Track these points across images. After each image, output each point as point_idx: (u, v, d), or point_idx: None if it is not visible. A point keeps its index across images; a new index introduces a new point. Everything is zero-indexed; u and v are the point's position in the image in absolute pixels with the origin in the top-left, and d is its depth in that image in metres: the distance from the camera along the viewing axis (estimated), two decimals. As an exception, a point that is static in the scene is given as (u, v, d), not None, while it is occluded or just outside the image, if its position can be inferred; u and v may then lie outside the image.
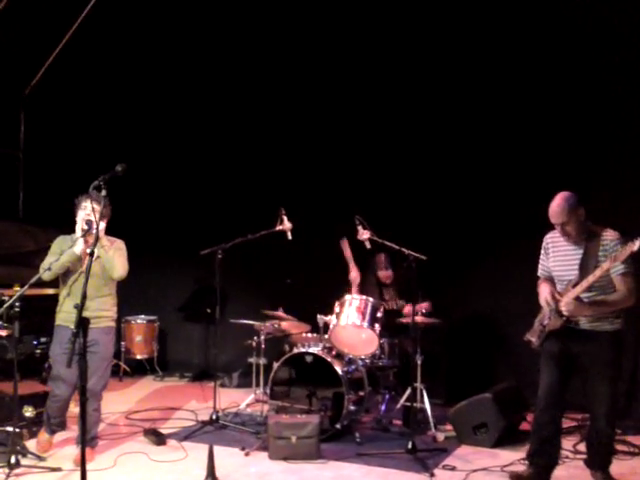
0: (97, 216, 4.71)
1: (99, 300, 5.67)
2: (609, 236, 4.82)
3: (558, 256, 5.04)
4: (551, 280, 5.13)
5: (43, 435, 5.89)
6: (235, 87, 9.03)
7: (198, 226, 9.12)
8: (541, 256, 5.22)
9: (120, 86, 9.35)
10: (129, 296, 9.05)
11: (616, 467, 5.18)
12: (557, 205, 4.84)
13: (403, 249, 5.93)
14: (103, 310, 5.71)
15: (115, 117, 9.44)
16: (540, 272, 5.24)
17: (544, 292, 5.05)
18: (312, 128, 8.61)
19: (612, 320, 4.87)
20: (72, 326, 4.38)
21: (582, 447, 5.98)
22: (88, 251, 4.27)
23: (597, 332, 4.87)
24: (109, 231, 5.79)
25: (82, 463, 3.68)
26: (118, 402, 7.75)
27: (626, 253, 4.51)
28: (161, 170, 9.49)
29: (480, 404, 6.20)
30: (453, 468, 5.57)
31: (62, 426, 6.03)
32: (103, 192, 3.95)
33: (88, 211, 5.43)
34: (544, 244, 5.18)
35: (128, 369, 9.36)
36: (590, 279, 4.68)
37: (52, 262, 5.29)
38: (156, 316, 9.52)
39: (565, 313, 4.80)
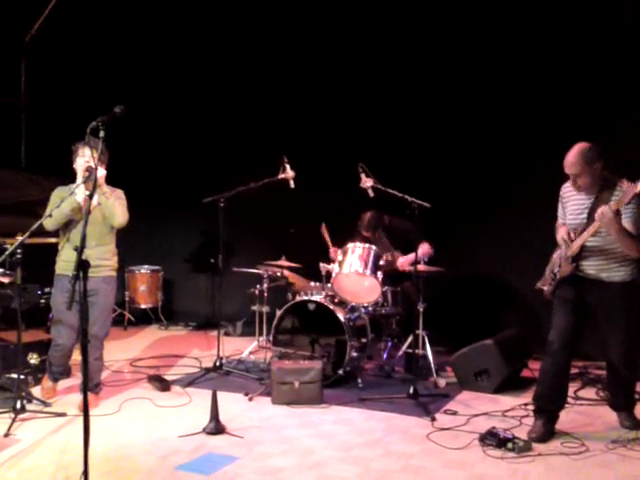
0: (96, 162, 4.68)
1: (100, 249, 5.64)
2: (624, 187, 4.76)
3: (571, 205, 5.04)
4: None
5: (47, 382, 5.95)
6: (240, 31, 8.92)
7: (202, 175, 9.08)
8: (559, 205, 5.22)
9: (121, 31, 9.24)
10: (134, 246, 9.13)
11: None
12: (572, 156, 4.81)
13: (406, 196, 5.89)
14: (104, 259, 5.68)
15: (116, 64, 9.35)
16: (559, 220, 5.25)
17: (561, 232, 5.06)
18: (316, 75, 8.52)
19: (622, 270, 4.87)
20: (70, 273, 4.41)
21: (583, 393, 6.10)
22: (87, 193, 4.24)
23: (607, 283, 4.88)
24: (111, 180, 5.75)
25: (85, 407, 3.70)
26: (122, 350, 7.83)
27: (629, 194, 4.48)
28: (165, 118, 9.43)
29: (482, 350, 6.23)
30: (454, 413, 5.62)
31: (66, 374, 6.08)
32: (101, 134, 3.91)
33: (87, 158, 5.39)
34: (561, 193, 5.17)
35: (133, 318, 9.42)
36: (596, 222, 4.67)
37: (53, 209, 5.25)
38: (160, 266, 9.54)
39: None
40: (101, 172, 5.42)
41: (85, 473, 3.66)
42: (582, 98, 7.23)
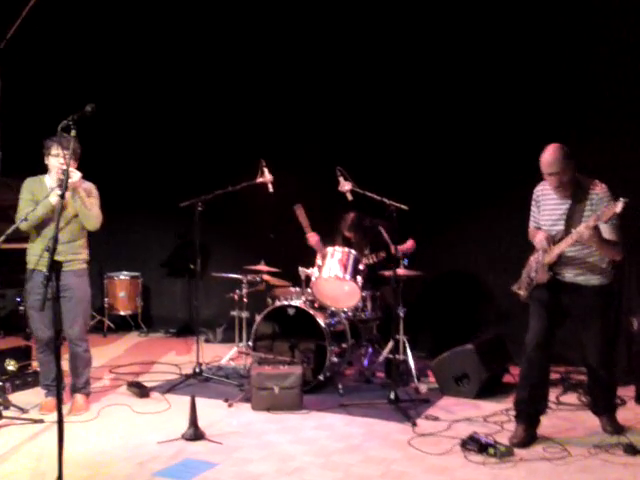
0: (68, 161, 4.61)
1: (71, 244, 5.57)
2: (597, 190, 4.79)
3: (546, 209, 5.04)
4: None
5: (46, 398, 5.75)
6: (217, 34, 8.85)
7: (179, 179, 8.99)
8: (532, 207, 5.21)
9: (96, 37, 9.18)
10: (111, 252, 9.03)
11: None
12: (550, 155, 4.79)
13: (384, 199, 5.87)
14: (75, 253, 5.61)
15: (92, 70, 9.26)
16: (531, 223, 5.24)
17: (540, 237, 5.00)
18: (294, 78, 8.48)
19: (599, 275, 4.89)
20: (43, 269, 4.38)
21: (565, 398, 6.08)
22: (59, 193, 4.21)
23: (584, 286, 4.90)
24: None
25: (59, 412, 3.63)
26: (102, 357, 7.74)
27: (609, 214, 4.46)
28: (141, 120, 9.33)
29: (462, 355, 6.21)
30: (436, 418, 5.59)
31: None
32: (72, 132, 3.87)
33: (62, 160, 5.33)
34: (534, 196, 5.16)
35: (112, 325, 9.32)
36: (574, 236, 4.67)
37: (28, 212, 5.19)
38: (139, 272, 9.45)
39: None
40: (77, 175, 5.36)
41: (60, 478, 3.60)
42: (554, 100, 7.25)
